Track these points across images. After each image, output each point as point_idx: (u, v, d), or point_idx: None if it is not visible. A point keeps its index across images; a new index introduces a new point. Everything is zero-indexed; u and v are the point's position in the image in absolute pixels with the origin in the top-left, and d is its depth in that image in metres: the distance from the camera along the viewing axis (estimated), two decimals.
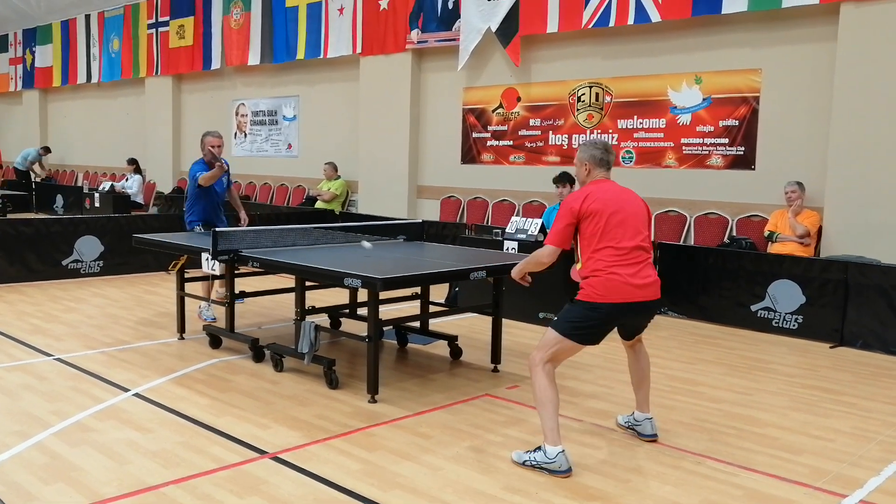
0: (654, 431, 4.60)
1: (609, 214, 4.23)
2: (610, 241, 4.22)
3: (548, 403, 4.11)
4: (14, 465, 3.98)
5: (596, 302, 4.20)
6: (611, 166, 4.48)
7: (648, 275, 4.29)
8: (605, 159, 4.42)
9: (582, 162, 4.47)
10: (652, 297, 4.31)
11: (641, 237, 4.31)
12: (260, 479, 3.88)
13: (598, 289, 4.20)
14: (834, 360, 6.65)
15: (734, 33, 9.09)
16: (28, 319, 7.42)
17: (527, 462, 4.12)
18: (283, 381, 5.59)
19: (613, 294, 4.18)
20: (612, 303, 4.19)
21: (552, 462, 4.03)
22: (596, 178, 4.42)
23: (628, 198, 4.38)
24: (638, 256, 4.25)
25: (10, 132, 22.86)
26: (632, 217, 4.30)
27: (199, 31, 15.87)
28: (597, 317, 4.24)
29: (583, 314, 4.24)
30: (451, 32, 11.52)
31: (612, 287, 4.18)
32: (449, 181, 12.05)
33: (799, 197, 8.19)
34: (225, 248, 5.83)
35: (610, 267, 4.19)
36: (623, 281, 4.18)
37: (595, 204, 4.24)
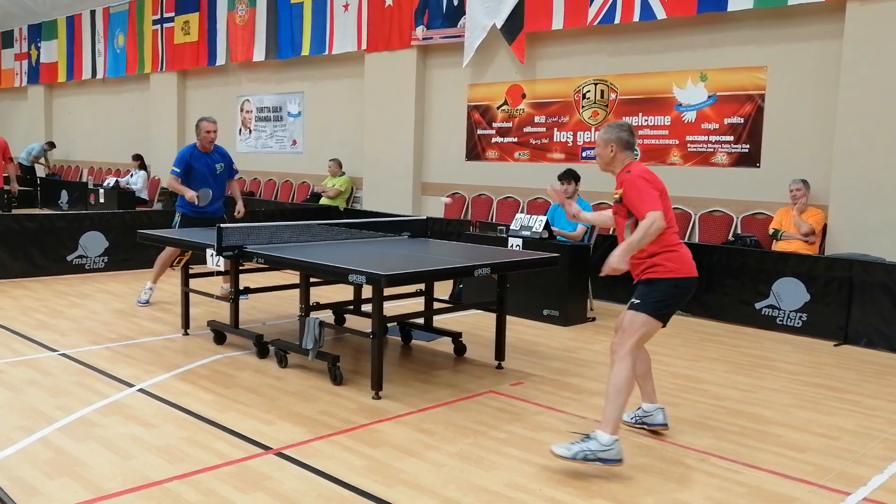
0: (666, 420, 4.61)
1: (666, 194, 4.32)
2: (671, 219, 4.28)
3: (626, 392, 4.08)
4: (19, 460, 4.00)
5: (680, 277, 4.23)
6: (634, 149, 4.49)
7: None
8: (631, 142, 4.42)
9: (608, 143, 4.41)
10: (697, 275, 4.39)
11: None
12: (264, 475, 3.89)
13: (677, 263, 4.24)
14: (838, 358, 6.64)
15: (739, 31, 9.07)
16: (33, 315, 7.44)
17: (579, 455, 3.94)
18: (287, 378, 5.60)
19: (689, 268, 4.28)
20: (691, 276, 4.28)
21: (609, 449, 3.94)
22: (627, 160, 4.40)
23: None
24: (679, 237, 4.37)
25: (16, 128, 22.90)
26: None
27: (204, 26, 15.88)
28: (679, 293, 4.27)
29: (669, 291, 4.23)
30: (457, 29, 11.51)
31: (687, 261, 4.27)
32: (453, 178, 12.04)
33: (804, 195, 8.17)
34: (229, 244, 5.84)
35: (678, 243, 4.29)
36: (689, 256, 4.30)
37: (661, 183, 4.32)
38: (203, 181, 7.82)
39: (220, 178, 8.02)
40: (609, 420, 4.01)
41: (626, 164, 4.40)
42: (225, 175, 8.11)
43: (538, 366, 6.13)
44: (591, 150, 10.39)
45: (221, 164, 8.00)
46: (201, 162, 7.85)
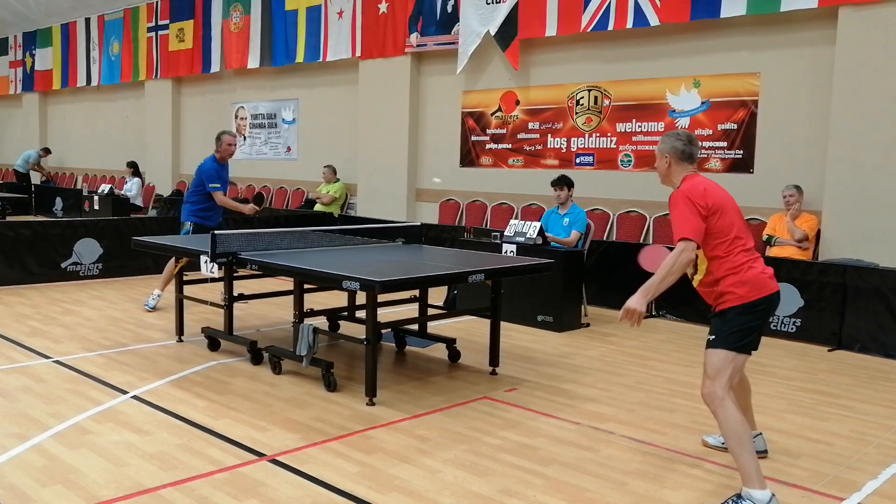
0: (765, 447, 4.35)
1: (730, 209, 3.93)
2: (739, 237, 3.90)
3: (746, 436, 3.69)
4: (12, 468, 3.98)
5: (752, 300, 3.84)
6: (695, 160, 4.10)
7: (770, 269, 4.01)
8: (687, 151, 4.06)
9: (662, 154, 4.13)
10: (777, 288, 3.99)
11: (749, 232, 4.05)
12: (258, 482, 3.88)
13: (747, 287, 3.84)
14: (832, 364, 6.66)
15: (733, 37, 9.10)
16: (27, 322, 7.42)
17: None
18: (281, 384, 5.59)
19: (762, 286, 3.87)
20: (766, 296, 3.87)
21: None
22: (684, 172, 4.04)
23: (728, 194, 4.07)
24: (754, 251, 3.98)
25: (10, 135, 22.88)
26: (738, 212, 4.01)
27: (198, 34, 15.89)
28: (758, 315, 3.89)
29: (744, 319, 3.85)
30: (451, 36, 11.54)
31: (758, 281, 3.86)
32: (448, 184, 12.06)
33: (797, 201, 8.20)
34: (223, 250, 5.84)
35: (746, 262, 3.88)
36: (760, 272, 3.89)
37: (717, 199, 3.90)
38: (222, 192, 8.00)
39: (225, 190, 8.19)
40: (748, 474, 3.66)
41: (683, 177, 4.03)
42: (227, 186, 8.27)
43: (532, 372, 6.13)
44: (584, 157, 10.41)
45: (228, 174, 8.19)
46: (224, 174, 8.10)
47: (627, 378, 6.03)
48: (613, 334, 7.56)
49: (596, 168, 10.29)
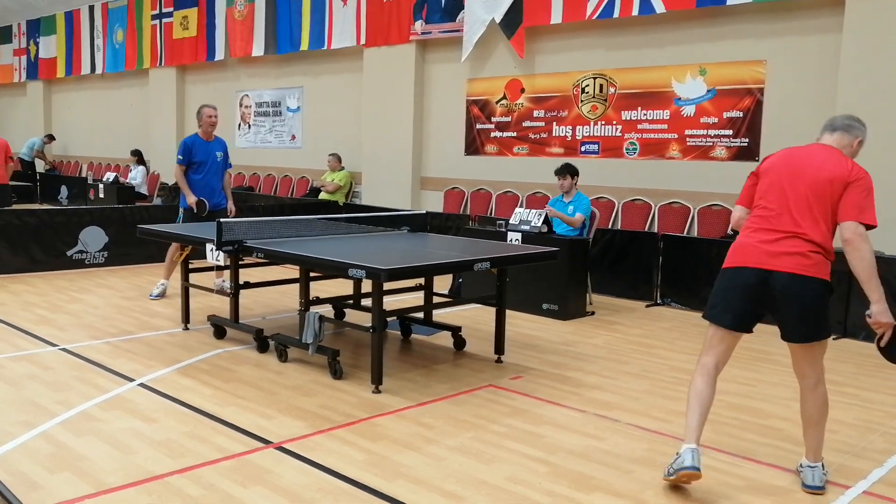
0: (815, 483, 3.79)
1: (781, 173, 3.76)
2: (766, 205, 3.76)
3: (692, 404, 3.77)
4: (20, 455, 4.01)
5: (724, 266, 3.81)
6: (834, 128, 3.98)
7: (794, 246, 3.67)
8: (826, 123, 4.03)
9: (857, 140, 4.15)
10: (788, 268, 3.64)
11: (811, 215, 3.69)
12: (264, 469, 3.90)
13: (731, 251, 3.81)
14: (837, 352, 6.65)
15: (739, 24, 9.06)
16: (33, 310, 7.45)
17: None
18: (287, 372, 5.61)
19: (737, 257, 3.73)
20: (729, 266, 3.75)
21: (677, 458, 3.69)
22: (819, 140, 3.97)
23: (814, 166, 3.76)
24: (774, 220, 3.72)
25: (15, 123, 22.88)
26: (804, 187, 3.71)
27: (202, 21, 15.86)
28: (725, 285, 3.77)
29: (717, 285, 3.84)
30: (455, 23, 11.50)
31: (738, 249, 3.75)
32: (452, 172, 12.05)
33: None
34: (229, 238, 5.84)
35: (745, 229, 3.82)
36: (746, 242, 3.73)
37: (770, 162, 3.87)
38: (205, 170, 7.92)
39: (219, 166, 8.10)
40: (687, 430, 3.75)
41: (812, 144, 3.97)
42: (223, 164, 8.19)
43: (537, 360, 6.13)
44: (590, 145, 10.39)
45: (220, 152, 8.09)
46: (203, 150, 7.98)
47: (633, 366, 6.04)
48: (618, 322, 7.56)
49: (601, 156, 10.26)
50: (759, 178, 3.87)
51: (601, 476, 3.93)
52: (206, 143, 7.99)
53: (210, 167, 7.98)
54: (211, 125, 7.97)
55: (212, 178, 8.01)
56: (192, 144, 7.94)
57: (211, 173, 7.99)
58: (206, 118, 7.95)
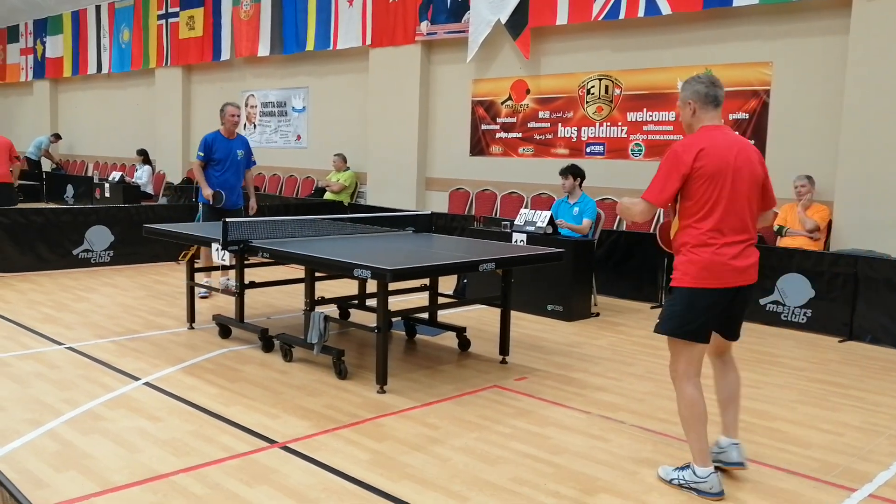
0: (741, 459, 3.96)
1: (723, 178, 3.62)
2: (726, 211, 3.64)
3: (693, 420, 3.75)
4: (26, 453, 4.02)
5: (696, 288, 3.65)
6: (720, 104, 3.77)
7: (750, 255, 3.73)
8: (711, 94, 3.73)
9: (686, 102, 3.80)
10: (751, 280, 3.76)
11: (751, 212, 3.73)
12: (270, 469, 3.91)
13: (696, 268, 3.64)
14: (843, 355, 6.64)
15: (745, 26, 9.05)
16: (39, 308, 7.47)
17: (674, 481, 3.83)
18: (292, 372, 5.61)
19: (712, 277, 3.64)
20: (714, 288, 3.65)
21: (702, 482, 3.71)
22: (706, 121, 3.75)
23: (746, 157, 3.71)
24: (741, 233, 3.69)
25: (21, 122, 22.94)
26: (746, 184, 3.68)
27: (209, 21, 15.89)
28: (704, 306, 3.67)
29: (687, 303, 3.69)
30: (461, 24, 11.50)
31: (708, 267, 3.63)
32: (457, 173, 12.05)
33: (809, 191, 8.16)
34: (235, 238, 5.85)
35: (707, 243, 3.64)
36: (716, 258, 3.63)
37: (712, 163, 3.61)
38: (224, 167, 7.93)
39: (239, 165, 8.11)
40: (694, 452, 3.77)
41: (708, 127, 3.74)
42: (244, 163, 8.20)
43: (542, 361, 6.13)
44: (595, 146, 10.39)
45: (241, 150, 8.10)
46: (223, 148, 8.00)
47: (637, 367, 6.03)
48: (623, 324, 7.55)
49: (606, 157, 10.26)
50: (692, 175, 3.62)
51: (606, 477, 3.93)
52: (227, 140, 8.02)
53: (230, 165, 8.01)
54: (233, 124, 8.01)
55: (231, 176, 8.04)
56: (213, 141, 7.97)
57: (230, 171, 8.01)
58: (229, 117, 7.98)
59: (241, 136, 8.16)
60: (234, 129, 8.04)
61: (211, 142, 7.96)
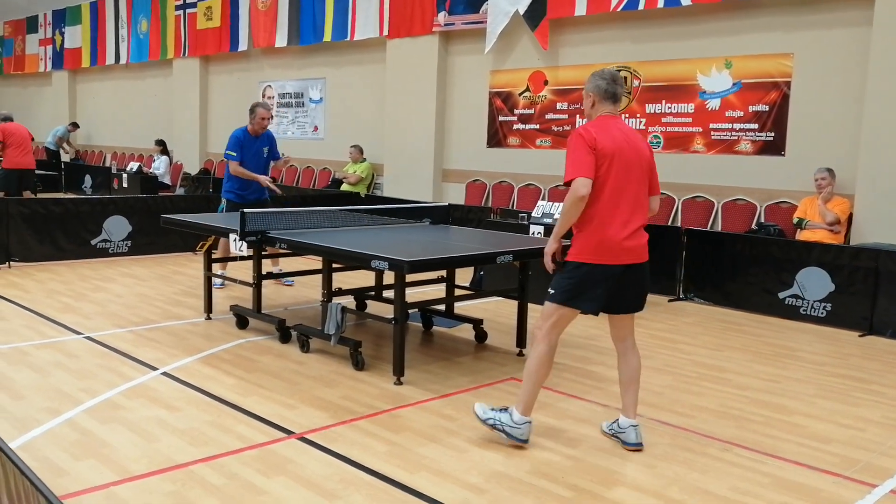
0: (639, 440, 4.17)
1: (616, 160, 3.90)
2: (617, 189, 3.92)
3: (535, 378, 4.10)
4: (46, 441, 4.05)
5: (587, 262, 3.96)
6: (618, 100, 4.08)
7: (641, 235, 4.07)
8: (610, 90, 4.03)
9: (587, 94, 4.11)
10: (640, 259, 4.08)
11: (642, 195, 4.06)
12: (287, 459, 3.91)
13: (587, 243, 3.96)
14: (863, 349, 6.58)
15: (766, 17, 8.96)
16: (58, 298, 7.52)
17: (489, 420, 4.16)
18: (309, 362, 5.62)
19: (600, 253, 3.94)
20: (599, 264, 3.95)
21: (517, 428, 4.10)
22: (604, 112, 4.05)
23: (635, 143, 4.03)
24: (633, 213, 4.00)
25: (40, 113, 23.10)
26: (636, 168, 4.00)
27: (226, 12, 15.91)
28: (592, 280, 3.97)
29: (576, 276, 4.00)
30: (479, 15, 11.46)
31: (597, 244, 3.94)
32: (474, 165, 12.02)
33: (829, 184, 8.08)
34: (252, 229, 5.86)
35: (601, 219, 3.93)
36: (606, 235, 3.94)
37: (608, 144, 3.89)
38: (247, 165, 7.94)
39: (263, 161, 8.12)
40: (522, 400, 4.11)
41: (604, 116, 4.04)
42: (268, 159, 8.20)
43: (560, 353, 6.10)
44: None
45: (266, 148, 8.11)
46: (251, 146, 7.99)
47: (655, 361, 6.00)
48: (641, 317, 7.50)
49: None
50: (597, 158, 3.88)
51: (624, 471, 3.91)
52: (253, 138, 8.01)
53: (254, 162, 8.00)
54: (262, 127, 7.99)
55: (255, 172, 8.03)
56: (242, 138, 7.95)
57: (253, 168, 8.00)
58: (259, 119, 7.93)
59: (267, 132, 8.14)
60: (262, 131, 8.04)
61: (241, 138, 7.95)
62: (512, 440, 4.10)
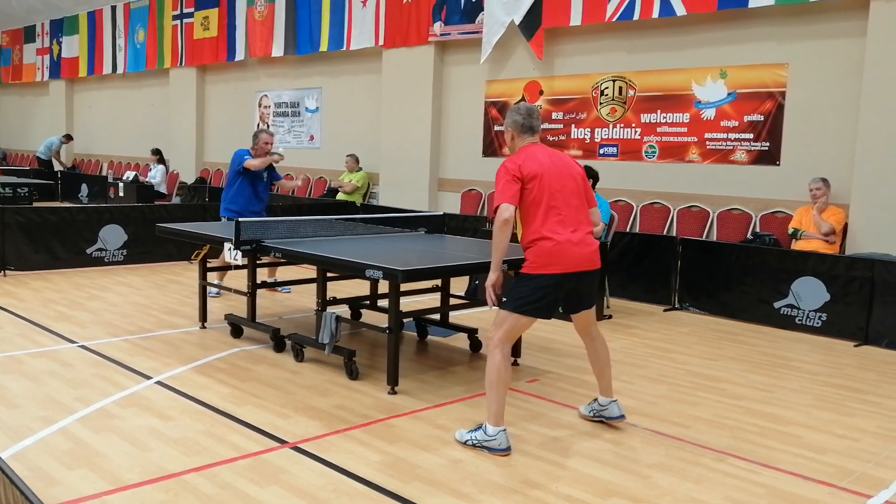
0: (621, 412, 4.63)
1: (547, 178, 4.19)
2: (552, 207, 4.19)
3: (497, 386, 4.20)
4: (38, 450, 4.03)
5: (545, 274, 4.18)
6: (536, 131, 4.40)
7: (590, 243, 4.34)
8: (527, 124, 4.36)
9: (506, 128, 4.45)
10: (593, 266, 4.34)
11: (581, 207, 4.36)
12: (280, 469, 3.90)
13: (542, 258, 4.18)
14: (858, 359, 6.58)
15: (760, 27, 8.99)
16: (53, 306, 7.50)
17: (468, 441, 4.23)
18: (303, 372, 5.61)
19: (557, 263, 4.17)
20: (557, 273, 4.18)
21: (492, 439, 4.16)
22: (524, 143, 4.36)
23: (561, 161, 4.36)
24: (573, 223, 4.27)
25: (37, 122, 23.10)
26: (570, 182, 4.30)
27: (223, 22, 15.94)
28: (548, 290, 4.20)
29: (533, 287, 4.21)
30: (475, 25, 11.49)
31: (553, 255, 4.17)
32: (470, 174, 12.03)
33: (824, 194, 8.10)
34: (247, 237, 5.86)
35: (548, 236, 4.18)
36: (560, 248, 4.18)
37: (533, 169, 4.18)
38: (249, 186, 7.97)
39: (265, 184, 8.16)
40: (491, 413, 4.20)
41: (527, 146, 4.35)
42: (269, 181, 8.22)
43: (554, 363, 6.11)
44: (609, 147, 10.35)
45: (266, 171, 8.13)
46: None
47: (650, 370, 6.00)
48: (636, 326, 7.52)
49: (620, 159, 10.22)
50: (524, 183, 4.16)
51: (618, 481, 3.90)
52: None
53: (255, 185, 8.06)
54: (264, 152, 8.02)
55: (261, 191, 8.06)
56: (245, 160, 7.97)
57: (254, 191, 8.06)
58: (263, 144, 8.02)
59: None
60: (265, 157, 8.07)
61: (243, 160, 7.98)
62: (495, 453, 4.15)
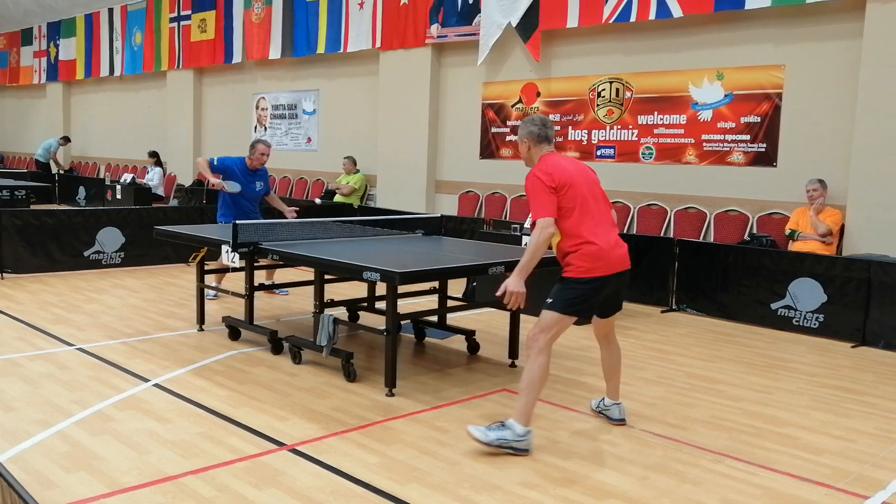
0: (622, 416, 4.75)
1: (577, 186, 4.28)
2: (586, 212, 4.28)
3: (536, 390, 4.22)
4: (36, 453, 4.02)
5: (593, 277, 4.27)
6: (552, 140, 4.47)
7: (623, 244, 4.44)
8: (543, 134, 4.43)
9: (521, 140, 4.49)
10: (627, 266, 4.45)
11: (609, 206, 4.48)
12: (278, 471, 3.90)
13: (588, 262, 4.26)
14: (855, 360, 6.59)
15: (757, 29, 9.01)
16: (50, 309, 7.49)
17: (494, 442, 4.17)
18: (301, 374, 5.61)
19: (604, 266, 4.28)
20: (605, 275, 4.29)
21: (522, 440, 4.18)
22: (542, 153, 4.42)
23: (582, 167, 4.47)
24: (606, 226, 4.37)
25: (35, 125, 23.08)
26: (595, 187, 4.42)
27: (220, 24, 15.94)
28: (593, 291, 4.31)
29: (580, 290, 4.29)
30: (472, 27, 11.51)
31: (600, 258, 4.27)
32: (467, 176, 12.04)
33: (821, 195, 8.11)
34: (244, 240, 5.86)
35: (590, 239, 4.27)
36: (605, 251, 4.28)
37: (564, 176, 4.26)
38: (241, 196, 7.95)
39: (255, 194, 8.12)
40: (521, 413, 4.19)
41: (546, 155, 4.41)
42: (262, 193, 8.19)
43: (552, 365, 6.06)
44: (606, 149, 10.36)
45: (261, 182, 8.11)
46: (244, 176, 7.97)
47: (648, 372, 6.00)
48: (633, 328, 7.52)
49: (617, 160, 10.23)
50: (559, 192, 4.23)
51: (616, 483, 3.91)
52: (251, 172, 8.00)
53: (248, 196, 8.02)
54: (260, 163, 8.00)
55: (246, 203, 8.03)
56: (236, 167, 7.94)
57: (247, 202, 8.02)
58: (259, 154, 7.95)
59: (263, 168, 8.15)
60: (260, 166, 8.05)
61: (233, 166, 7.93)
62: (518, 452, 4.18)
